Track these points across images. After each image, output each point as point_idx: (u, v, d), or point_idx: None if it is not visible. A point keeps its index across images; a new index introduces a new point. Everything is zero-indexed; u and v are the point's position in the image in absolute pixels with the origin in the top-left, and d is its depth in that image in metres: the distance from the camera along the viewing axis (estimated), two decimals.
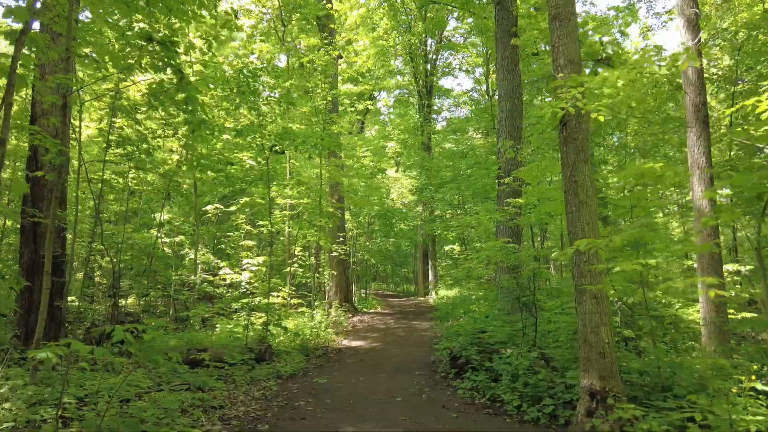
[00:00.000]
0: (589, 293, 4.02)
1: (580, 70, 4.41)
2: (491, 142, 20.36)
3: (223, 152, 10.30)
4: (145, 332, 2.69)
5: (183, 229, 15.61)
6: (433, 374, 6.82)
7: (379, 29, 21.62)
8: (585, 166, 4.20)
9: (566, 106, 3.86)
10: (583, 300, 4.07)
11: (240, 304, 9.47)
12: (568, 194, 4.27)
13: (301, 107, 13.87)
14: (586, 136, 4.27)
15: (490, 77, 24.02)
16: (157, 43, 4.37)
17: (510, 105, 10.27)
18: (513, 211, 8.88)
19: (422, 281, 25.72)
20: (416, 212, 24.58)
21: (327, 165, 13.48)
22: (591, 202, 4.16)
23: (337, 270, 15.74)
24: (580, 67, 4.42)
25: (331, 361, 8.09)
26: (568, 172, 4.27)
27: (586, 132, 4.28)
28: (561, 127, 4.36)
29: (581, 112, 4.24)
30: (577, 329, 4.14)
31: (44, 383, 4.42)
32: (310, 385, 6.22)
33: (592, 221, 4.13)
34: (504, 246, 7.11)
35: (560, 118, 4.30)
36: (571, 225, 4.22)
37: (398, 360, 8.12)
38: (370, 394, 5.76)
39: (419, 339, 10.64)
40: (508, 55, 10.52)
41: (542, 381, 4.64)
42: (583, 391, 3.96)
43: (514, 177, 9.58)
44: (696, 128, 6.89)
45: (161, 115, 7.23)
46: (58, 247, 8.10)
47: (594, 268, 4.02)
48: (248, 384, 6.00)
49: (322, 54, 13.45)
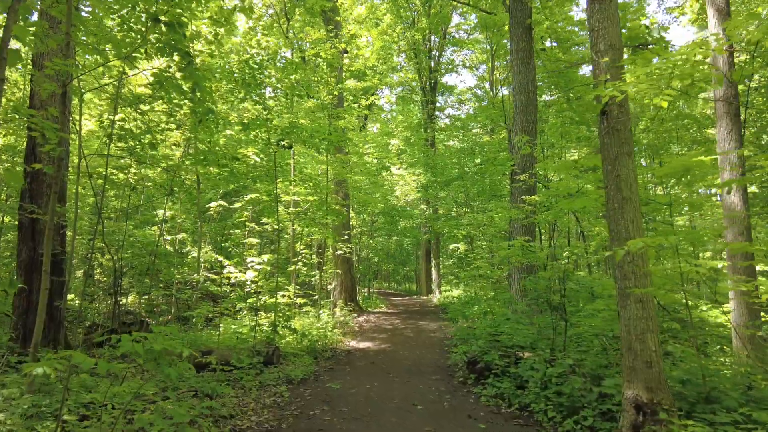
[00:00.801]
0: (634, 297, 3.71)
1: (622, 56, 4.09)
2: (497, 138, 20.04)
3: (228, 148, 9.98)
4: (154, 340, 2.38)
5: (185, 226, 15.28)
6: (450, 379, 6.51)
7: (382, 24, 21.31)
8: (629, 160, 3.89)
9: (611, 92, 3.53)
10: (627, 304, 3.76)
11: (246, 304, 9.15)
12: (609, 190, 3.95)
13: (306, 102, 13.55)
14: (629, 126, 3.95)
15: (494, 73, 23.71)
16: (164, 24, 4.04)
17: (524, 99, 9.95)
18: (529, 208, 8.56)
19: (425, 280, 25.42)
20: (420, 210, 24.27)
21: (333, 161, 13.16)
22: (635, 198, 3.84)
23: (341, 268, 15.43)
24: (622, 53, 4.10)
25: (341, 363, 7.78)
26: (609, 166, 3.95)
27: (629, 122, 3.96)
28: (601, 118, 4.04)
29: (620, 101, 3.92)
30: (620, 336, 3.83)
31: (42, 391, 4.11)
32: (323, 390, 5.91)
33: (636, 219, 3.82)
34: (524, 245, 6.79)
35: (601, 108, 3.98)
36: (613, 223, 3.90)
37: (410, 363, 7.82)
38: (386, 400, 5.45)
39: (429, 340, 10.34)
40: (522, 48, 10.20)
41: (579, 390, 4.32)
42: (628, 403, 3.65)
43: (530, 173, 9.28)
44: (726, 122, 6.58)
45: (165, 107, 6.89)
46: (58, 244, 7.78)
47: (639, 269, 3.71)
48: (258, 389, 5.69)
49: (327, 47, 13.11)
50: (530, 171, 9.25)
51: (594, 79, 4.12)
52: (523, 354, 6.27)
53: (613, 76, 3.89)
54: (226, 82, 8.96)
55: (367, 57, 21.09)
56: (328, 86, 13.10)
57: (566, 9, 17.09)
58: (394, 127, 24.76)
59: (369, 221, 24.25)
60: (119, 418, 3.06)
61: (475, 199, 19.07)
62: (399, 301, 21.76)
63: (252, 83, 8.83)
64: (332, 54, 13.20)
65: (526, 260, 7.12)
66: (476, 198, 18.98)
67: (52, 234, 4.79)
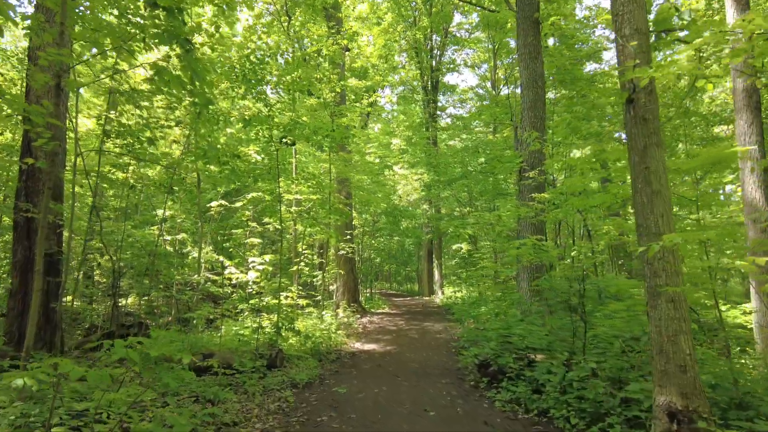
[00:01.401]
0: (665, 296, 3.47)
1: (648, 41, 3.85)
2: (501, 137, 19.81)
3: (229, 146, 9.74)
4: (151, 347, 2.14)
5: (185, 226, 15.04)
6: (461, 383, 6.27)
7: (384, 23, 21.11)
8: (658, 151, 3.65)
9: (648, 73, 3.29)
10: (657, 304, 3.52)
11: (247, 305, 8.92)
12: (637, 182, 3.72)
13: (308, 99, 13.31)
14: (657, 115, 3.71)
15: (496, 72, 23.51)
16: (163, 9, 3.81)
17: (533, 95, 9.71)
18: (539, 206, 8.32)
19: (427, 280, 25.19)
20: (423, 210, 24.02)
21: (336, 159, 12.93)
22: (665, 191, 3.60)
23: (344, 269, 15.18)
24: (648, 38, 3.87)
25: (347, 366, 7.54)
26: (637, 157, 3.72)
27: (657, 111, 3.73)
28: (627, 107, 3.80)
29: (648, 89, 3.69)
30: (650, 338, 3.59)
31: (35, 398, 3.87)
32: (330, 395, 5.67)
33: (667, 213, 3.58)
34: (536, 243, 6.55)
35: (627, 96, 3.74)
36: (642, 217, 3.66)
37: (417, 365, 7.57)
38: (396, 405, 5.21)
39: (435, 342, 10.10)
40: (530, 42, 9.97)
41: (603, 395, 4.08)
42: (660, 410, 3.41)
43: (539, 170, 9.04)
44: (746, 115, 6.34)
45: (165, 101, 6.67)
46: (54, 244, 7.56)
47: (671, 267, 3.47)
48: (262, 394, 5.45)
49: (329, 43, 12.89)
50: (539, 168, 9.01)
51: (618, 66, 3.88)
52: (536, 356, 6.03)
53: (640, 61, 3.65)
54: (226, 78, 8.73)
55: (369, 56, 20.88)
56: (330, 83, 12.87)
57: (570, 6, 16.90)
58: (396, 127, 24.55)
59: (371, 221, 24.01)
60: (115, 428, 2.82)
61: (479, 199, 18.84)
62: (401, 302, 21.53)
63: (253, 78, 8.60)
64: (334, 50, 12.98)
65: (537, 259, 6.88)
66: (479, 197, 18.75)
67: (46, 232, 4.55)
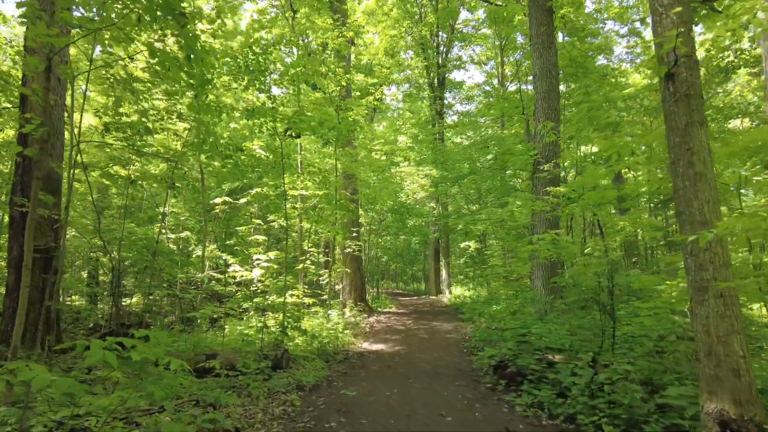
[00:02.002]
0: (713, 291, 3.11)
1: (689, 9, 3.49)
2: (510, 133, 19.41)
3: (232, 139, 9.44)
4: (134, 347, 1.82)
5: (189, 224, 14.78)
6: (476, 385, 5.92)
7: (389, 20, 20.80)
8: (701, 130, 3.29)
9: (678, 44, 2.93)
10: (703, 300, 3.16)
11: (252, 303, 8.62)
12: (677, 166, 3.36)
13: (313, 93, 13.00)
14: (700, 91, 3.35)
15: (503, 68, 23.13)
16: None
17: (546, 85, 9.34)
18: (555, 201, 7.96)
19: (434, 279, 24.84)
20: (430, 207, 23.67)
21: (342, 154, 12.61)
22: (710, 174, 3.24)
23: (351, 267, 14.87)
24: (689, 5, 3.51)
25: (355, 367, 7.22)
26: (678, 137, 3.36)
27: (700, 86, 3.37)
28: (666, 84, 3.44)
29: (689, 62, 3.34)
30: (696, 338, 3.23)
31: (21, 403, 3.58)
32: (338, 398, 5.35)
33: (713, 199, 3.22)
34: (554, 238, 6.20)
35: (665, 70, 3.39)
36: (684, 204, 3.30)
37: (429, 367, 7.24)
38: (410, 410, 4.88)
39: (445, 342, 9.76)
40: (543, 32, 9.60)
41: (640, 401, 3.72)
42: (710, 419, 3.05)
43: (555, 163, 8.68)
44: None
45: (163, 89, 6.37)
46: (51, 240, 7.30)
47: (719, 259, 3.11)
48: (266, 397, 5.14)
49: (335, 35, 12.57)
50: (554, 161, 8.65)
51: (655, 38, 3.52)
52: (554, 357, 5.68)
53: (684, 30, 3.30)
54: (228, 69, 8.43)
55: (375, 52, 20.59)
56: (336, 76, 12.55)
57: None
58: (402, 124, 24.22)
59: (377, 219, 23.68)
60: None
61: (487, 196, 18.48)
62: (408, 301, 21.20)
63: (256, 69, 8.29)
64: (340, 42, 12.66)
65: (556, 255, 6.52)
66: (487, 195, 18.40)
67: (36, 226, 4.27)
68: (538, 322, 6.34)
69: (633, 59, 20.09)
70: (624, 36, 20.79)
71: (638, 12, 18.61)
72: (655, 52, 3.51)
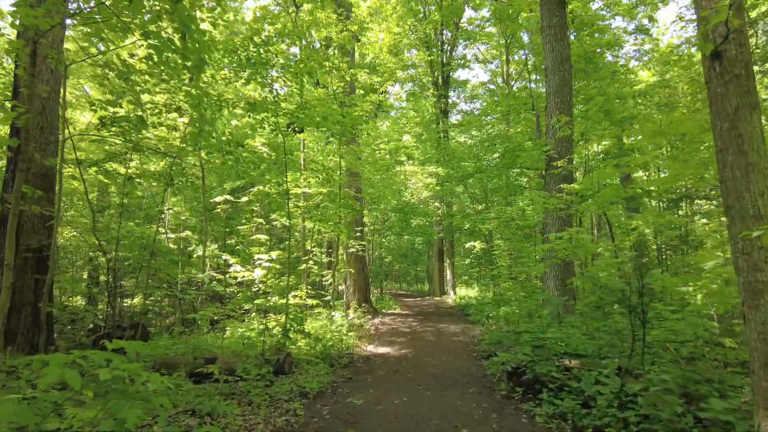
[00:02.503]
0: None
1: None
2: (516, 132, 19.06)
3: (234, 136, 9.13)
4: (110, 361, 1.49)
5: (189, 224, 14.49)
6: (491, 392, 5.58)
7: (393, 17, 20.52)
8: (754, 114, 2.95)
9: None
10: (759, 304, 2.82)
11: (253, 304, 8.30)
12: (725, 154, 3.02)
13: (316, 89, 12.70)
14: (752, 70, 3.01)
15: (509, 66, 22.79)
16: None
17: (559, 78, 8.99)
18: (569, 198, 7.61)
19: (438, 280, 24.48)
20: (434, 207, 23.33)
21: (346, 151, 12.30)
22: (765, 163, 2.90)
23: (354, 267, 14.53)
24: None
25: (361, 372, 6.88)
26: (726, 123, 3.02)
27: (751, 64, 3.03)
28: (711, 64, 3.10)
29: (740, 38, 2.99)
30: (749, 347, 2.89)
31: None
32: (344, 407, 5.02)
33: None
34: (573, 236, 5.85)
35: (711, 48, 3.04)
36: (733, 197, 2.96)
37: (438, 372, 6.90)
38: (421, 420, 4.55)
39: (453, 345, 9.41)
40: (555, 23, 9.25)
41: (678, 415, 3.38)
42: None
43: (568, 159, 8.33)
44: None
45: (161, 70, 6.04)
46: (44, 238, 7.00)
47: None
48: (268, 406, 4.81)
49: (339, 29, 12.26)
50: (568, 156, 8.30)
51: (701, 11, 3.17)
52: (570, 362, 5.34)
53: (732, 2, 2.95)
54: (228, 61, 8.13)
55: (378, 51, 20.28)
56: (340, 72, 12.23)
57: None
58: (405, 123, 23.90)
59: (381, 219, 23.37)
60: None
61: (493, 195, 18.14)
62: (412, 302, 20.85)
63: (258, 62, 7.98)
64: (344, 37, 12.35)
65: (574, 254, 6.17)
66: (493, 194, 18.06)
67: (17, 221, 3.96)
68: (555, 325, 5.99)
69: (640, 57, 19.78)
70: (631, 33, 20.50)
71: (646, 9, 18.30)
72: (699, 27, 3.17)
